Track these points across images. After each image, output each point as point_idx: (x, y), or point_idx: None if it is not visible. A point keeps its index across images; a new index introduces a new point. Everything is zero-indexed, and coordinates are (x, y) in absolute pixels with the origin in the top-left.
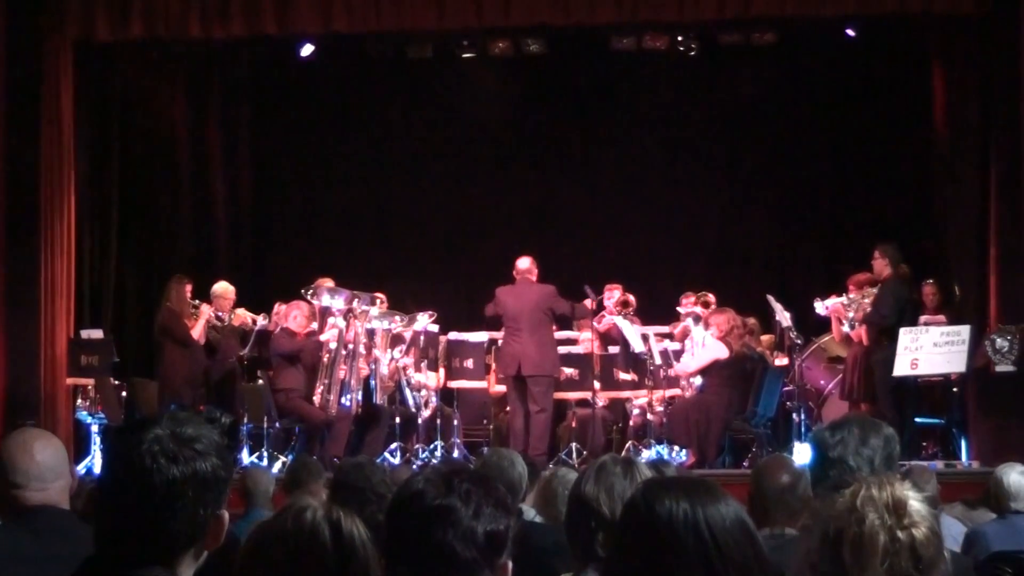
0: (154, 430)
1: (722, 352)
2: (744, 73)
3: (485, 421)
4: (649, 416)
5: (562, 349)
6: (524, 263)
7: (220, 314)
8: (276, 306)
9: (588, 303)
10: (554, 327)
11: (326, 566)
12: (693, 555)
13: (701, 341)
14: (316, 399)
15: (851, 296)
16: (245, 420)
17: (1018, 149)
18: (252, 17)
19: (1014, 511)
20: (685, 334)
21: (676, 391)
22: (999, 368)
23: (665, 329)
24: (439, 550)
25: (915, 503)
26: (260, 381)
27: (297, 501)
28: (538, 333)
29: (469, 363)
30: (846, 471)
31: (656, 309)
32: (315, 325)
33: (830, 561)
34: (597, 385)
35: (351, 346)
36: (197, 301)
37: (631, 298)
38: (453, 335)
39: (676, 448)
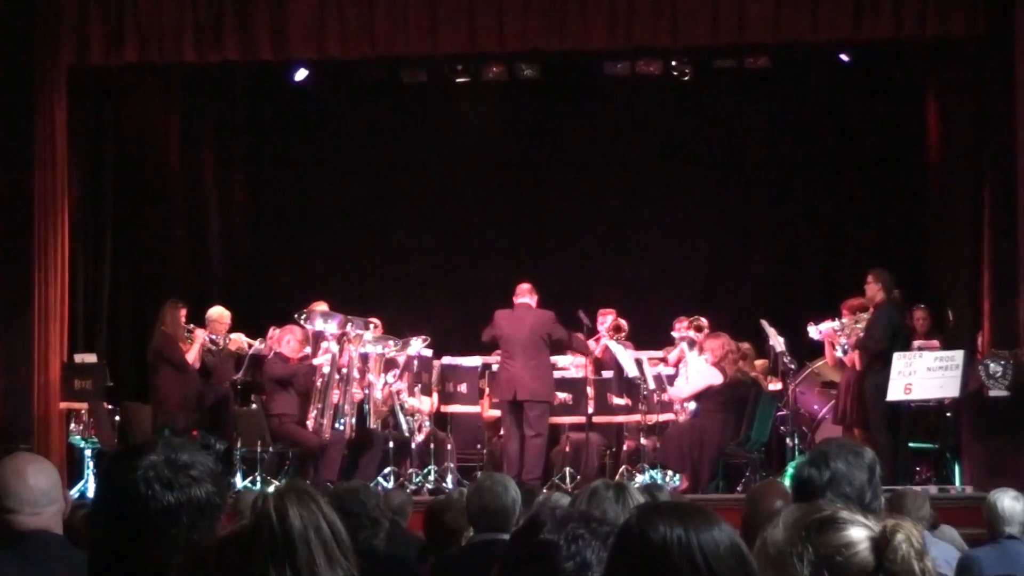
0: (149, 456)
1: (716, 377)
2: (738, 98)
3: (479, 446)
4: (643, 440)
5: (556, 374)
6: (523, 288)
7: (215, 337)
8: (270, 330)
9: (581, 337)
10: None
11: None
12: None
13: (695, 366)
14: (310, 424)
15: (844, 321)
16: (239, 444)
17: (1012, 174)
18: (246, 42)
19: (1007, 536)
20: (679, 359)
21: (670, 416)
22: (992, 393)
23: (659, 354)
24: None
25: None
26: (254, 405)
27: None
28: (535, 359)
29: (463, 388)
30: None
31: (649, 334)
32: (308, 350)
33: None
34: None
35: (345, 370)
36: (192, 325)
37: (623, 323)
38: (447, 360)
39: (670, 473)
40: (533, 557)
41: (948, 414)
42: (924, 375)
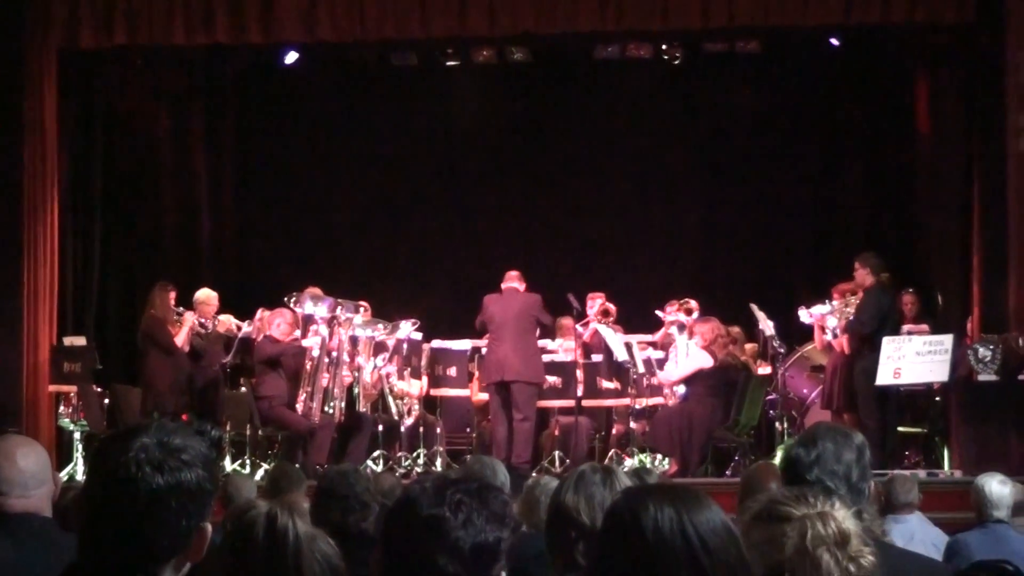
0: (142, 438)
1: (707, 361)
2: (728, 82)
3: (468, 429)
4: (632, 424)
5: (545, 357)
6: (512, 275)
7: (203, 321)
8: (259, 312)
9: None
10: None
11: (258, 558)
12: (683, 560)
13: (685, 350)
14: (299, 407)
15: (834, 304)
16: (228, 427)
17: (1001, 158)
18: (236, 25)
19: (995, 520)
20: (668, 342)
21: (659, 400)
22: (981, 377)
23: (648, 337)
24: (425, 563)
25: (855, 529)
26: (243, 388)
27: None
28: (523, 341)
29: (452, 371)
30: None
31: (639, 317)
32: (298, 333)
33: None
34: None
35: (334, 354)
36: (181, 308)
37: (611, 307)
38: (436, 343)
39: (659, 456)
40: (420, 532)
41: (937, 398)
42: (913, 359)
